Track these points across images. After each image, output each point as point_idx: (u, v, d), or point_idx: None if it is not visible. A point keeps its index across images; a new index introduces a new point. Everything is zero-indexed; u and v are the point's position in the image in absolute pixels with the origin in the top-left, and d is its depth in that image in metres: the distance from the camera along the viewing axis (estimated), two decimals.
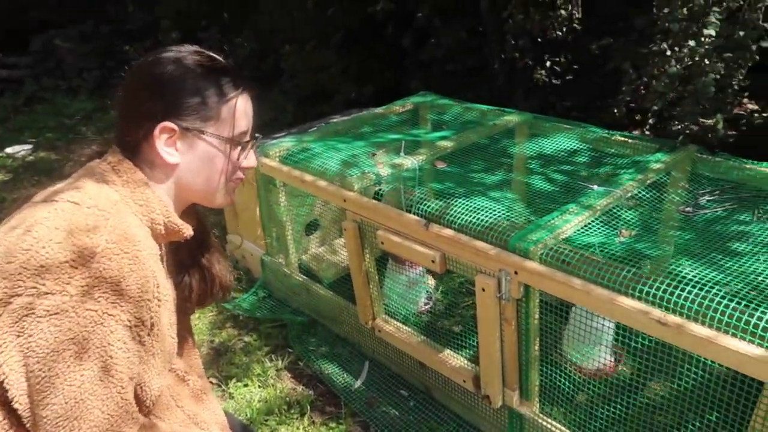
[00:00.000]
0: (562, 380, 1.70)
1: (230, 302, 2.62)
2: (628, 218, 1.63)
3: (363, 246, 2.01)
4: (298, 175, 2.16)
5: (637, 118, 4.02)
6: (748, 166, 1.87)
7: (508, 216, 1.63)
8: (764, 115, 3.60)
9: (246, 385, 2.18)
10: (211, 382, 2.18)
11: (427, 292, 2.39)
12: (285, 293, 2.61)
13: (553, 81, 4.84)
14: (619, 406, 1.65)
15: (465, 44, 4.17)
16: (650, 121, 3.98)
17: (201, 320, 2.54)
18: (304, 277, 2.49)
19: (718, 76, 1.88)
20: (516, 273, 1.50)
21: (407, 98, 2.82)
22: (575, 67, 4.52)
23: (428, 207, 1.76)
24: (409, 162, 2.08)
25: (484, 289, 1.58)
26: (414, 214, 1.79)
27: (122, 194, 0.94)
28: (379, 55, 4.90)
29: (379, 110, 2.72)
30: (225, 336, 2.45)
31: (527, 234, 1.55)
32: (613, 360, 1.96)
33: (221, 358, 2.34)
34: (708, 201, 1.77)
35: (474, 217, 1.65)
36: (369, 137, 2.35)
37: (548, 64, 4.70)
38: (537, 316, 1.59)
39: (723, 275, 1.28)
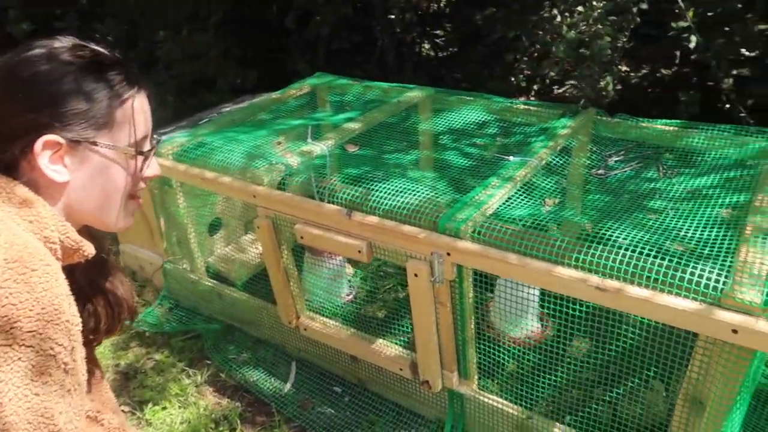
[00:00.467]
0: (496, 353, 1.69)
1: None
2: (548, 187, 1.63)
3: (279, 242, 1.87)
4: (197, 173, 1.97)
5: (522, 85, 4.15)
6: (644, 124, 1.95)
7: (432, 196, 1.58)
8: (639, 75, 3.84)
9: (164, 408, 1.99)
10: (123, 411, 1.96)
11: (348, 281, 2.30)
12: (194, 301, 2.41)
13: (440, 54, 4.88)
14: (552, 371, 1.67)
15: (350, 21, 4.06)
16: (535, 87, 4.12)
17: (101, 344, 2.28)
18: (214, 281, 2.31)
19: (610, 39, 1.93)
20: (448, 254, 1.46)
21: (303, 80, 2.68)
22: (460, 39, 4.57)
23: (347, 195, 1.66)
24: (318, 148, 1.97)
25: (416, 275, 1.52)
26: (332, 203, 1.69)
27: (6, 211, 0.75)
28: (261, 37, 4.67)
29: (275, 95, 2.55)
30: (132, 357, 2.22)
31: (455, 213, 1.50)
32: (540, 326, 1.99)
33: (131, 382, 2.11)
34: (616, 161, 1.82)
35: (398, 201, 1.58)
36: (270, 125, 2.20)
37: (433, 38, 4.72)
38: (471, 294, 1.56)
39: (649, 234, 1.31)
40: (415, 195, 1.59)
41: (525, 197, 1.58)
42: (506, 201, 1.57)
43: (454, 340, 1.65)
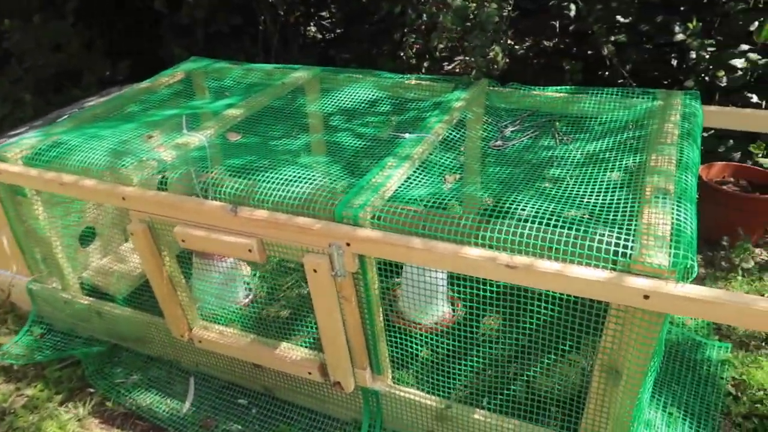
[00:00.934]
0: (408, 343, 1.60)
1: None
2: (447, 162, 1.54)
3: (159, 248, 1.66)
4: (53, 177, 1.70)
5: (412, 62, 4.09)
6: (536, 92, 1.92)
7: (326, 183, 1.44)
8: (524, 47, 3.89)
9: None
10: None
11: (245, 282, 2.12)
12: (70, 323, 2.12)
13: (327, 36, 4.71)
14: (467, 354, 1.61)
15: (227, 1, 3.79)
16: (425, 64, 4.07)
17: None
18: (91, 298, 2.04)
19: (496, 6, 1.87)
20: (348, 245, 1.33)
21: (176, 66, 2.43)
22: (345, 19, 4.43)
23: (231, 188, 1.48)
24: (196, 139, 1.76)
25: (315, 270, 1.38)
26: (215, 199, 1.51)
27: None
28: (130, 23, 4.27)
29: (143, 84, 2.29)
30: None
31: (351, 199, 1.37)
32: (450, 310, 1.92)
33: None
34: (512, 132, 1.77)
35: (288, 191, 1.42)
36: (139, 118, 1.95)
37: (319, 19, 4.54)
38: (377, 286, 1.45)
39: (553, 204, 1.25)
40: (307, 183, 1.44)
41: (424, 175, 1.48)
42: (405, 181, 1.46)
43: (363, 336, 1.53)
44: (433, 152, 1.60)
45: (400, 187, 1.44)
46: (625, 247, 1.12)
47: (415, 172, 1.51)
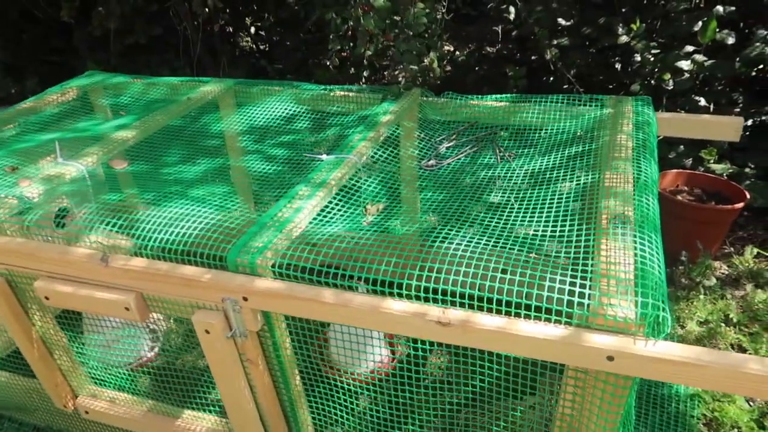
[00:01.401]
0: (339, 398, 1.35)
1: None
2: (370, 189, 1.30)
3: (25, 306, 1.35)
4: None
5: (351, 71, 3.85)
6: (474, 102, 1.71)
7: (220, 220, 1.17)
8: (465, 53, 3.71)
9: None
10: None
11: (150, 332, 1.82)
12: None
13: (261, 46, 4.43)
14: (411, 401, 1.36)
15: (143, 9, 3.46)
16: (365, 73, 3.85)
17: None
18: None
19: (423, 6, 1.65)
20: (245, 299, 1.07)
21: (67, 82, 2.11)
22: (279, 28, 4.16)
23: (102, 232, 1.20)
24: (74, 169, 1.46)
25: (208, 331, 1.11)
26: (84, 245, 1.22)
27: None
28: (36, 36, 3.88)
29: (26, 104, 1.97)
30: None
31: (249, 241, 1.11)
32: (387, 352, 1.68)
33: None
34: (447, 148, 1.55)
35: (172, 232, 1.15)
36: (8, 145, 1.64)
37: (250, 27, 4.26)
38: (288, 344, 1.19)
39: (493, 240, 1.02)
40: (196, 221, 1.17)
41: (343, 205, 1.23)
42: (319, 214, 1.21)
43: (277, 404, 1.27)
44: (355, 176, 1.35)
45: (312, 222, 1.19)
46: (582, 295, 0.90)
47: (332, 201, 1.26)
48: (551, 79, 3.15)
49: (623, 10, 2.85)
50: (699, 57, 2.56)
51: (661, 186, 2.34)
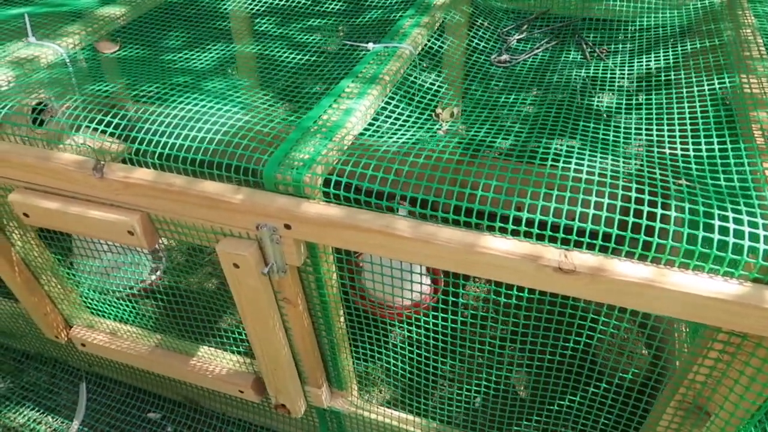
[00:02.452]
0: (378, 337, 1.14)
1: None
2: (434, 88, 1.02)
3: (1, 223, 1.10)
4: None
5: None
6: None
7: (248, 122, 0.90)
8: None
9: None
10: None
11: (153, 254, 1.58)
12: None
13: None
14: (461, 344, 1.16)
15: None
16: None
17: None
18: None
19: None
20: (288, 227, 0.82)
21: None
22: None
23: (96, 131, 0.92)
24: (51, 52, 1.16)
25: (237, 265, 0.87)
26: (71, 148, 0.95)
27: None
28: None
29: None
30: None
31: (290, 150, 0.84)
32: (430, 285, 1.46)
33: None
34: (518, 41, 1.25)
35: (188, 137, 0.88)
36: None
37: None
38: (335, 282, 0.95)
39: (620, 160, 0.77)
40: (218, 123, 0.89)
41: (404, 109, 0.96)
42: (376, 119, 0.94)
43: (316, 348, 1.05)
44: (413, 71, 1.07)
45: (369, 128, 0.92)
46: (754, 237, 0.66)
47: (388, 103, 0.98)
48: None
49: None
50: None
51: None
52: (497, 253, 0.72)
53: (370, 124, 0.93)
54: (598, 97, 0.97)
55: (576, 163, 0.75)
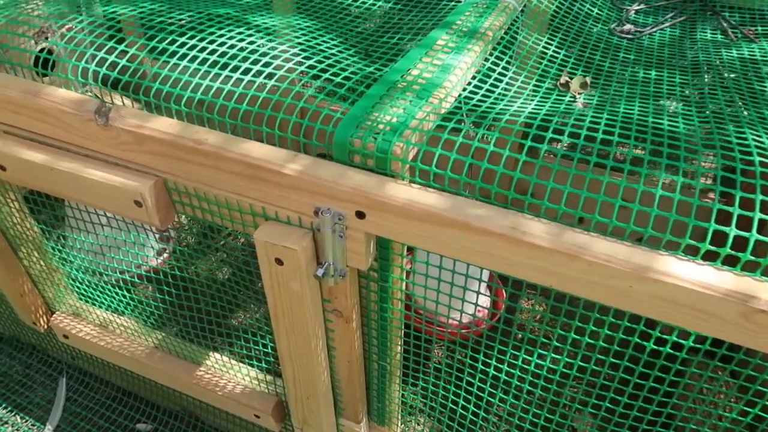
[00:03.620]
0: (423, 364, 0.90)
1: None
2: (548, 52, 0.78)
3: None
4: None
5: None
6: None
7: (311, 67, 0.66)
8: None
9: None
10: None
11: (161, 233, 1.35)
12: None
13: None
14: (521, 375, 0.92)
15: None
16: None
17: None
18: None
19: None
20: (362, 216, 0.58)
21: None
22: None
23: (105, 65, 0.68)
24: None
25: (281, 261, 0.63)
26: (72, 83, 0.71)
27: None
28: None
29: None
30: None
31: (371, 109, 0.60)
32: (488, 301, 1.23)
33: None
34: (637, 12, 1.00)
35: (223, 82, 0.64)
36: None
37: None
38: (402, 293, 0.72)
39: None
40: (271, 64, 0.65)
41: (516, 73, 0.72)
42: (483, 82, 0.70)
43: (362, 375, 0.81)
44: (520, 31, 0.83)
45: (474, 92, 0.68)
46: None
47: (495, 63, 0.74)
48: None
49: None
50: None
51: None
52: (682, 284, 0.48)
53: (477, 87, 0.68)
54: (756, 83, 0.73)
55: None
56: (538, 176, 0.53)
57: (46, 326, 1.06)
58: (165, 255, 1.33)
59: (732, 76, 0.77)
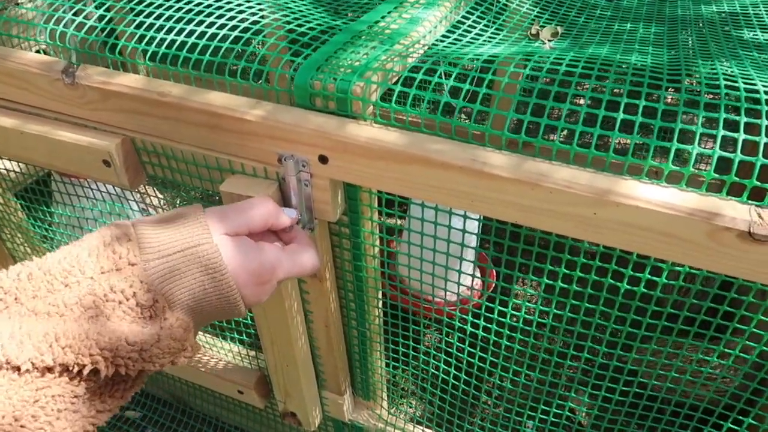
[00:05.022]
0: (413, 340, 0.88)
1: None
2: (522, 8, 0.77)
3: None
4: None
5: None
6: None
7: (276, 20, 0.66)
8: None
9: None
10: None
11: (142, 209, 1.34)
12: None
13: None
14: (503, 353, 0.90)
15: None
16: None
17: None
18: None
19: None
20: (324, 160, 0.57)
21: None
22: None
23: (70, 25, 0.68)
24: None
25: None
26: (32, 47, 0.71)
27: None
28: None
29: None
30: None
31: (333, 55, 0.60)
32: (479, 280, 1.21)
33: None
34: None
35: (188, 34, 0.63)
36: None
37: None
38: (377, 248, 0.70)
39: None
40: (235, 18, 0.65)
41: (487, 26, 0.71)
42: (449, 32, 0.69)
43: (342, 341, 0.80)
44: None
45: (441, 40, 0.67)
46: None
47: (465, 18, 0.73)
48: None
49: None
50: None
51: None
52: (646, 206, 0.46)
53: (444, 36, 0.68)
54: (748, 32, 0.71)
55: (749, 83, 0.50)
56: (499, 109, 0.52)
57: None
58: None
59: (708, 28, 0.76)
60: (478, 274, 1.35)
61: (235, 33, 0.62)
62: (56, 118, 0.70)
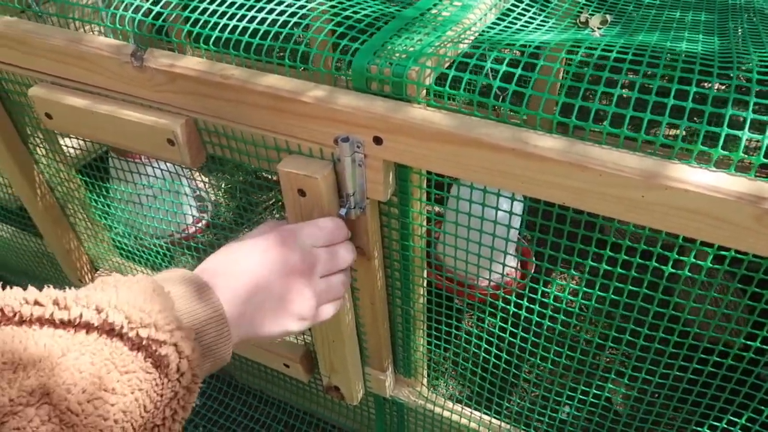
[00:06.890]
0: (456, 322, 0.90)
1: None
2: None
3: (23, 133, 0.92)
4: None
5: None
6: None
7: (333, 8, 0.68)
8: None
9: None
10: None
11: (199, 196, 1.40)
12: None
13: None
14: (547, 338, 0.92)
15: None
16: None
17: None
18: None
19: None
20: (379, 141, 0.60)
21: None
22: None
23: (138, 11, 0.72)
24: None
25: (303, 192, 0.65)
26: (104, 31, 0.75)
27: None
28: None
29: None
30: None
31: (388, 41, 0.62)
32: (517, 265, 1.22)
33: None
34: None
35: (249, 20, 0.66)
36: None
37: None
38: (424, 228, 0.73)
39: None
40: (289, 7, 0.68)
41: (537, 13, 0.73)
42: (500, 20, 0.71)
43: (386, 318, 0.83)
44: None
45: (492, 27, 0.69)
46: None
47: (515, 5, 0.75)
48: None
49: None
50: None
51: None
52: (695, 190, 0.47)
53: (494, 24, 0.70)
54: None
55: None
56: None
57: (88, 280, 1.11)
58: (203, 222, 1.38)
59: (759, 16, 0.75)
60: (515, 261, 1.36)
61: (294, 19, 0.65)
62: (123, 99, 0.74)
